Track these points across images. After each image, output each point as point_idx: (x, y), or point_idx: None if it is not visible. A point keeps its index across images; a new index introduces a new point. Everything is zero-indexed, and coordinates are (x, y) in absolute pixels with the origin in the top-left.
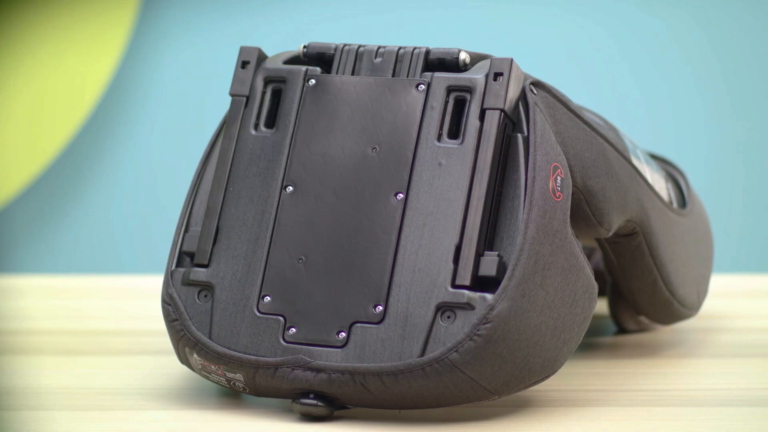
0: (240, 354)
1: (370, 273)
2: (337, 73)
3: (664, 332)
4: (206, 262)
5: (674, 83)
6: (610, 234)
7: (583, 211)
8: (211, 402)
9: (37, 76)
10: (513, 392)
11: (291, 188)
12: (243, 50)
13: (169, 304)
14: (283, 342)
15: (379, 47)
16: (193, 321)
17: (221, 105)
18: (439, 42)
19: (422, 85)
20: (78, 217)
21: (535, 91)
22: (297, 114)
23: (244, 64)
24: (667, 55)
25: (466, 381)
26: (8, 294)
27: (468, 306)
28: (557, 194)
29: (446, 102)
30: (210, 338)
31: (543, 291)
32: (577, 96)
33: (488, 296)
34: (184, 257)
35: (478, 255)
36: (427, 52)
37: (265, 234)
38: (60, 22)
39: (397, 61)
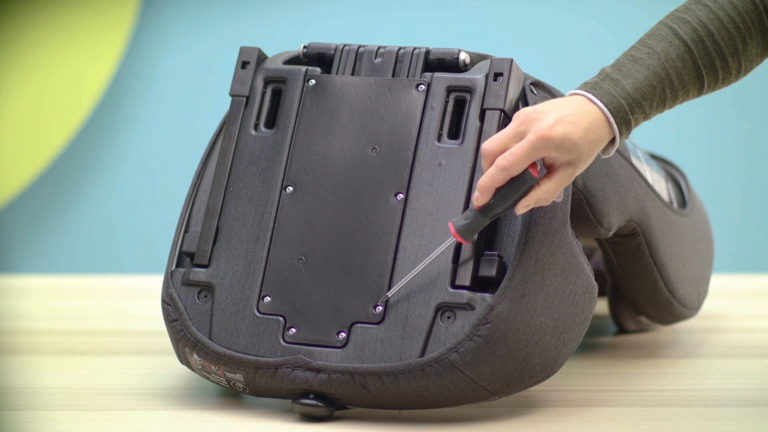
0: (240, 354)
1: (370, 273)
2: (337, 73)
3: (664, 332)
4: (206, 263)
5: None
6: (610, 234)
7: (583, 211)
8: (211, 402)
9: (36, 76)
10: (513, 392)
11: (291, 188)
12: (243, 50)
13: (169, 304)
14: (283, 342)
15: (379, 47)
16: (193, 321)
17: (221, 105)
18: (439, 42)
19: (422, 86)
20: (78, 217)
21: (535, 92)
22: (297, 114)
23: (244, 65)
24: None
25: (466, 381)
26: (8, 294)
27: (468, 306)
28: (557, 195)
29: (446, 102)
30: (210, 338)
31: (543, 291)
32: None
33: (488, 297)
34: (184, 257)
35: (478, 255)
36: (427, 53)
37: (265, 234)
38: (60, 22)
39: (397, 61)
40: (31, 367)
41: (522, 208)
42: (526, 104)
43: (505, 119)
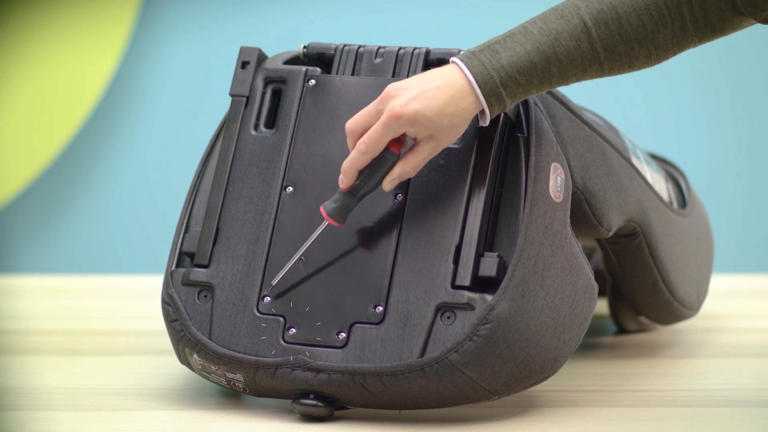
0: (240, 354)
1: (370, 273)
2: (337, 73)
3: (664, 332)
4: (206, 263)
5: (675, 83)
6: (610, 234)
7: (583, 211)
8: (211, 402)
9: (37, 76)
10: (513, 392)
11: (291, 188)
12: (243, 50)
13: (169, 304)
14: (283, 342)
15: (379, 47)
16: (193, 321)
17: (221, 105)
18: (439, 42)
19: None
20: (78, 217)
21: None
22: (297, 114)
23: (244, 65)
24: None
25: (466, 381)
26: (8, 294)
27: (468, 306)
28: (557, 194)
29: None
30: (210, 338)
31: (543, 291)
32: (577, 96)
33: (488, 297)
34: (184, 257)
35: (478, 255)
36: (427, 53)
37: (265, 234)
38: (60, 22)
39: (397, 61)
40: (31, 367)
41: (388, 184)
42: (526, 104)
43: (505, 119)
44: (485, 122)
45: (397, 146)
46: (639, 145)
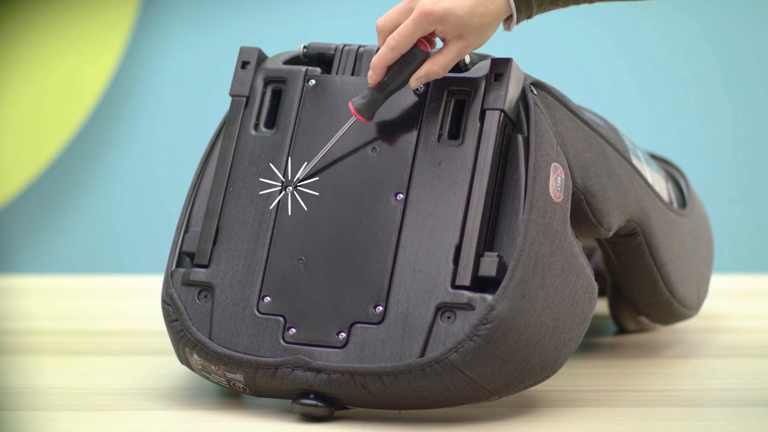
0: (240, 354)
1: (370, 273)
2: (337, 73)
3: (664, 332)
4: (206, 263)
5: (674, 83)
6: (610, 234)
7: (583, 211)
8: (211, 402)
9: (36, 77)
10: (513, 392)
11: (291, 188)
12: (243, 50)
13: (169, 304)
14: (283, 342)
15: (379, 47)
16: (193, 321)
17: (221, 105)
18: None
19: (422, 86)
20: (78, 216)
21: (535, 92)
22: (297, 114)
23: (244, 65)
24: (667, 55)
25: (466, 381)
26: (8, 294)
27: (468, 306)
28: (557, 195)
29: (446, 102)
30: (210, 338)
31: (543, 291)
32: (577, 96)
33: (488, 297)
34: (184, 257)
35: (478, 255)
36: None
37: (265, 234)
38: (60, 22)
39: None
40: (31, 367)
41: (415, 81)
42: (526, 104)
43: (505, 119)
44: (509, 28)
45: (426, 45)
46: (639, 145)
